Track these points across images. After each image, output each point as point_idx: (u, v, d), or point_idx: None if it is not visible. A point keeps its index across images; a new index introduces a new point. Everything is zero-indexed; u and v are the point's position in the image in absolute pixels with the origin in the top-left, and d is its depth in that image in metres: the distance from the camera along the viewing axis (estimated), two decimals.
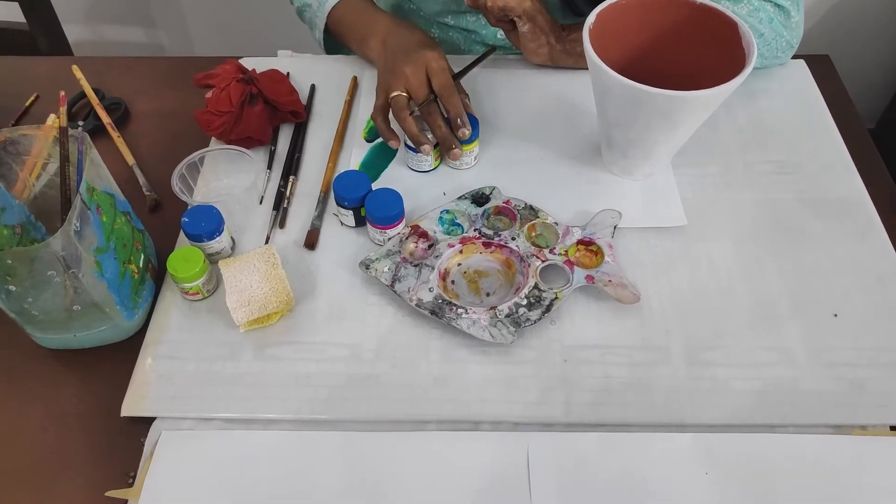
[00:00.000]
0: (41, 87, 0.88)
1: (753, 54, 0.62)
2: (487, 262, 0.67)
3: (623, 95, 0.62)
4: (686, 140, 0.69)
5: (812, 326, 0.63)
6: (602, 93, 0.66)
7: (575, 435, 0.57)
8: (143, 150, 0.80)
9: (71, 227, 0.53)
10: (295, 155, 0.77)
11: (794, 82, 0.84)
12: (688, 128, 0.66)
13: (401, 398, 0.59)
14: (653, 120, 0.64)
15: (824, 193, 0.73)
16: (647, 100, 0.61)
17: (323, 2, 0.84)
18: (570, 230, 0.68)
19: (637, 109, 0.63)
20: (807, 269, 0.67)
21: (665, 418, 0.58)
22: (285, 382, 0.60)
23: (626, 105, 0.64)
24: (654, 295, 0.65)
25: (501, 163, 0.76)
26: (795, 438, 0.57)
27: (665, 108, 0.61)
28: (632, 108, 0.63)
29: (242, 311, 0.61)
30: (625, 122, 0.67)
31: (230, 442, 0.58)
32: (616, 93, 0.63)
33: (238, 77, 0.76)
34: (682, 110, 0.62)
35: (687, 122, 0.64)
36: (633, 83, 0.60)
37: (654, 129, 0.65)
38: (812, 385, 0.59)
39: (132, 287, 0.62)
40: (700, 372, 0.60)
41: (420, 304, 0.62)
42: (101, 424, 0.60)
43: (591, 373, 0.60)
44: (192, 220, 0.65)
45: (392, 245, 0.67)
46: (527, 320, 0.61)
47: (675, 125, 0.64)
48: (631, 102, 0.63)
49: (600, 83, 0.65)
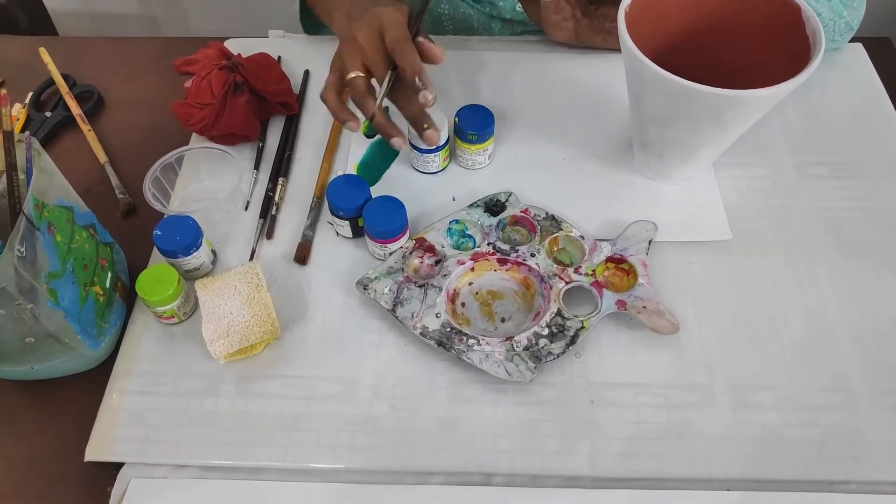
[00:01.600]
0: (8, 71, 0.80)
1: (821, 45, 0.52)
2: (503, 281, 0.59)
3: (664, 92, 0.53)
4: (733, 142, 0.60)
5: (876, 362, 0.55)
6: (638, 86, 0.57)
7: (603, 493, 0.50)
8: (118, 146, 0.72)
9: (14, 253, 0.45)
10: (285, 153, 0.68)
11: (850, 69, 0.74)
12: (737, 129, 0.57)
13: (402, 445, 0.51)
14: (699, 121, 0.55)
15: (889, 201, 0.63)
16: (693, 98, 0.52)
17: None
18: (599, 245, 0.59)
19: (680, 108, 0.54)
20: (869, 293, 0.58)
21: (707, 472, 0.50)
22: (270, 424, 0.53)
23: (667, 102, 0.55)
24: (693, 323, 0.57)
25: (519, 163, 0.68)
26: (858, 499, 0.49)
27: (715, 108, 0.52)
28: (674, 106, 0.54)
29: (220, 344, 0.53)
30: (664, 121, 0.57)
31: (208, 493, 0.51)
32: (656, 88, 0.54)
33: (220, 63, 0.67)
34: (733, 111, 0.53)
35: (738, 123, 0.55)
36: (677, 79, 0.51)
37: (700, 131, 0.56)
38: (877, 434, 0.51)
39: (96, 312, 0.54)
40: (747, 416, 0.52)
41: (425, 333, 0.55)
42: (63, 469, 0.53)
43: (621, 417, 0.52)
44: (165, 233, 0.57)
45: (394, 261, 0.59)
46: (548, 354, 0.53)
47: (724, 127, 0.55)
48: (673, 100, 0.54)
49: (636, 75, 0.56)
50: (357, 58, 0.57)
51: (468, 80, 0.74)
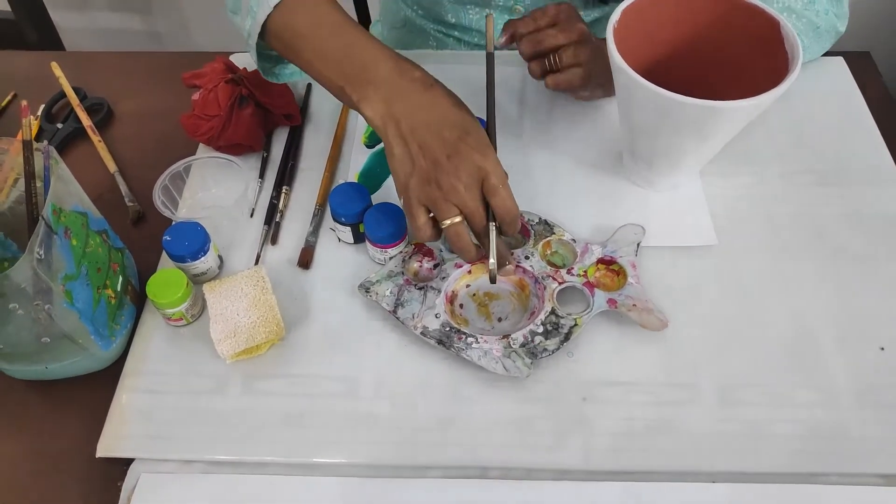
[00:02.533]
0: (20, 84, 0.82)
1: (799, 59, 0.55)
2: (499, 283, 0.61)
3: (650, 103, 0.56)
4: (719, 151, 0.63)
5: (858, 361, 0.57)
6: (626, 98, 0.60)
7: (594, 485, 0.51)
8: (127, 156, 0.74)
9: (34, 255, 0.47)
10: (289, 163, 0.70)
11: (831, 82, 0.77)
12: (721, 139, 0.59)
13: (401, 441, 0.53)
14: (682, 130, 0.57)
15: (870, 207, 0.66)
16: (676, 109, 0.54)
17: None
18: (590, 248, 0.62)
19: (665, 119, 0.57)
20: (852, 295, 0.60)
21: (695, 466, 0.52)
22: (275, 421, 0.55)
23: (652, 113, 0.57)
24: (681, 324, 0.59)
25: (512, 170, 0.69)
26: (841, 490, 0.51)
27: (697, 118, 0.55)
28: (659, 116, 0.57)
29: (228, 343, 0.55)
30: (651, 131, 0.60)
31: (215, 487, 0.53)
32: (641, 99, 0.56)
33: (227, 77, 0.69)
34: (715, 121, 0.55)
35: (721, 133, 0.58)
36: (660, 90, 0.53)
37: (684, 140, 0.59)
38: (859, 429, 0.53)
39: (108, 314, 0.57)
40: (734, 413, 0.54)
41: (426, 333, 0.57)
42: (76, 465, 0.55)
43: (612, 413, 0.54)
44: (174, 238, 0.59)
45: (394, 265, 0.61)
46: (543, 350, 0.56)
47: (706, 136, 0.58)
48: (658, 111, 0.56)
49: (624, 88, 0.58)
50: (455, 203, 0.52)
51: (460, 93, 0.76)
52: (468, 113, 0.55)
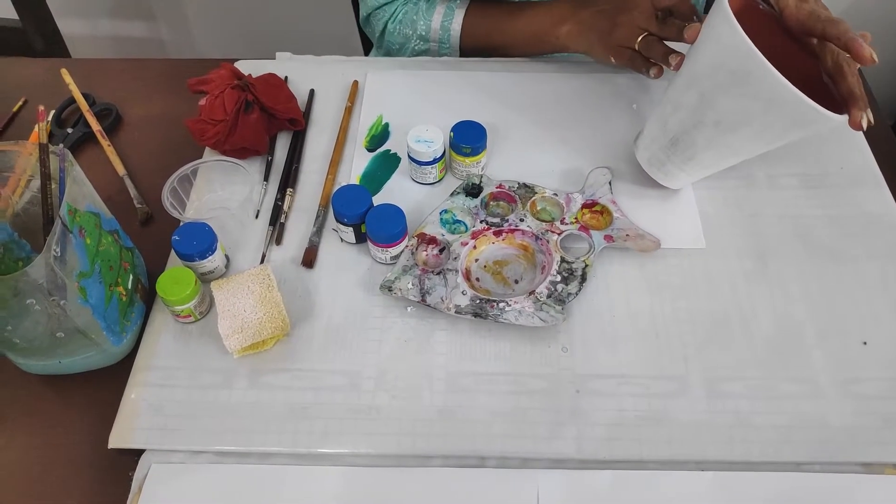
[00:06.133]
0: (30, 90, 0.85)
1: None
2: (503, 249, 0.65)
3: (764, 97, 0.54)
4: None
5: (840, 355, 0.59)
6: (720, 84, 0.56)
7: (588, 473, 0.54)
8: (135, 160, 0.77)
9: (51, 253, 0.50)
10: (293, 166, 0.73)
11: None
12: (783, 144, 0.60)
13: (402, 432, 0.56)
14: (772, 131, 0.57)
15: (852, 209, 0.69)
16: (794, 111, 0.53)
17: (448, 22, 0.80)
18: (571, 197, 0.67)
19: (769, 117, 0.55)
20: (834, 293, 0.63)
21: (683, 455, 0.54)
22: (281, 413, 0.57)
23: (758, 107, 0.55)
24: (671, 320, 0.61)
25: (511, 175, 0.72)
26: (823, 478, 0.53)
27: (802, 122, 0.55)
28: (765, 113, 0.55)
29: (235, 338, 0.58)
30: (731, 125, 0.58)
31: (223, 476, 0.55)
32: (753, 91, 0.54)
33: (233, 83, 0.72)
34: (813, 128, 0.55)
35: (794, 139, 0.58)
36: (793, 89, 0.52)
37: (762, 141, 0.59)
38: (840, 420, 0.56)
39: (120, 310, 0.59)
40: (720, 405, 0.56)
41: (459, 311, 0.60)
42: (88, 456, 0.57)
43: (604, 405, 0.57)
44: (183, 238, 0.62)
45: (406, 260, 0.63)
46: (568, 295, 0.61)
47: (783, 139, 0.58)
48: (768, 107, 0.55)
49: (730, 72, 0.55)
50: (637, 25, 0.70)
51: (463, 98, 0.79)
52: None
